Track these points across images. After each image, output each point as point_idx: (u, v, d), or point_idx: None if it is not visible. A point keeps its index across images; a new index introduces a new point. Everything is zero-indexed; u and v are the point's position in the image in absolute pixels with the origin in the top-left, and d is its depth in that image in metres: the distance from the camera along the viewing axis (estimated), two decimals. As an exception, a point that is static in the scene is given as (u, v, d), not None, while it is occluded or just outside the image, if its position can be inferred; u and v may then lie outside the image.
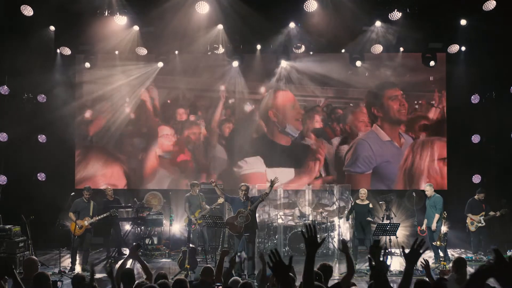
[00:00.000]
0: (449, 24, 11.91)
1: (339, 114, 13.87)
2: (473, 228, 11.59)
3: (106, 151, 14.20)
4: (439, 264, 10.35)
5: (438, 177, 13.49)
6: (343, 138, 13.81)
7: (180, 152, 14.10)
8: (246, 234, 9.62)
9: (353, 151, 13.72)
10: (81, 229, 10.60)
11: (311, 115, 13.88)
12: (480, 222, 11.51)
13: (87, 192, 10.94)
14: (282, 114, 13.93)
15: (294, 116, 13.91)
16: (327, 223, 11.93)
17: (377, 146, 13.65)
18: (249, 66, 13.46)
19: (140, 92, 14.07)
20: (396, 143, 13.65)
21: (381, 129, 13.73)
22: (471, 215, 11.61)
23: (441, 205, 10.94)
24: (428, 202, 11.17)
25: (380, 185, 13.53)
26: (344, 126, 13.82)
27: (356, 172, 13.66)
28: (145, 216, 12.53)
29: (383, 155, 13.65)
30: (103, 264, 11.11)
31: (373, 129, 13.73)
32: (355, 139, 13.75)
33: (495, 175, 12.75)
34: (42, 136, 13.17)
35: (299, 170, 13.72)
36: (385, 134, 13.68)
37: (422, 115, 13.73)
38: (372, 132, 13.75)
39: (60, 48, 12.82)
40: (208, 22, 11.81)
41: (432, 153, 13.61)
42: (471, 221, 11.63)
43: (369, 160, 13.63)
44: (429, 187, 11.34)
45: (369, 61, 13.40)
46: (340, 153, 13.77)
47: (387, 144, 13.65)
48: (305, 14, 11.49)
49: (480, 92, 12.98)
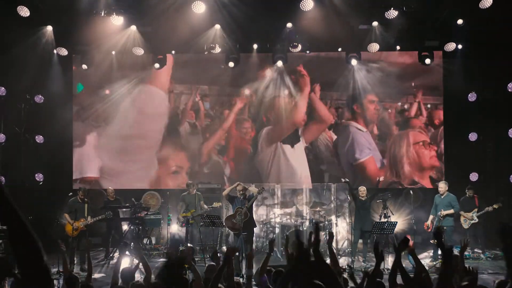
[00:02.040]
0: (445, 22, 11.93)
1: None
2: (466, 225, 11.60)
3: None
4: (437, 262, 10.37)
5: (435, 174, 13.57)
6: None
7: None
8: (244, 233, 9.70)
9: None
10: (76, 231, 10.58)
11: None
12: (473, 219, 11.52)
13: (82, 193, 10.95)
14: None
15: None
16: (325, 222, 11.95)
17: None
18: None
19: (137, 91, 14.13)
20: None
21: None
22: (463, 213, 11.63)
23: (458, 204, 10.97)
24: (441, 200, 11.04)
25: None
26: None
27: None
28: (143, 216, 12.54)
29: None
30: (102, 263, 11.14)
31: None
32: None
33: (492, 173, 12.79)
34: (39, 136, 13.16)
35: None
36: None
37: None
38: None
39: (57, 48, 12.83)
40: (204, 22, 11.82)
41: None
42: (464, 218, 11.66)
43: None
44: (443, 184, 11.23)
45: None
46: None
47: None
48: (301, 13, 11.51)
49: (477, 90, 13.01)
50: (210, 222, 10.33)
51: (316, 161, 13.89)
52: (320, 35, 12.15)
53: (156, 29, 12.24)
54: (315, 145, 13.91)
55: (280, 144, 13.91)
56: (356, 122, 13.87)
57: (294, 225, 12.00)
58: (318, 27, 11.76)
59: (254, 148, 14.01)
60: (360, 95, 13.76)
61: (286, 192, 13.13)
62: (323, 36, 12.17)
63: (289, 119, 13.94)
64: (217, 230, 11.44)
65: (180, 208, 11.87)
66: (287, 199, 13.07)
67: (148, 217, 12.69)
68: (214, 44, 12.42)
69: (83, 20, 11.66)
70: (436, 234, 3.28)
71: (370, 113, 13.85)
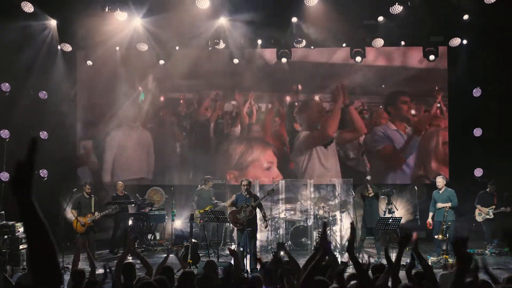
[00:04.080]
0: (450, 17, 11.87)
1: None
2: (480, 218, 11.64)
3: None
4: (441, 257, 10.34)
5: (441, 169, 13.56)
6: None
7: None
8: (248, 229, 9.63)
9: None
10: (83, 227, 10.38)
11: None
12: (489, 214, 11.54)
13: (89, 187, 10.73)
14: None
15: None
16: (329, 218, 11.93)
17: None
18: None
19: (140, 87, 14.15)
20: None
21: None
22: (479, 206, 11.64)
23: (456, 198, 10.92)
24: (439, 195, 10.95)
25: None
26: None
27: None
28: (148, 212, 12.58)
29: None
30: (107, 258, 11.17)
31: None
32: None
33: (497, 169, 12.73)
34: (44, 132, 13.17)
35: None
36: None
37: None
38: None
39: (61, 44, 12.83)
40: (209, 17, 11.80)
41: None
42: (479, 212, 11.65)
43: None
44: (441, 178, 11.14)
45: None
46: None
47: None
48: (306, 8, 11.47)
49: (482, 85, 12.95)
50: (214, 217, 10.32)
51: (345, 157, 14.14)
52: (325, 30, 12.11)
53: (160, 25, 12.20)
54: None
55: (315, 149, 14.15)
56: (390, 122, 14.03)
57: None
58: (323, 22, 11.72)
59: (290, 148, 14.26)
60: (391, 96, 13.96)
61: (290, 187, 13.11)
62: (327, 31, 12.13)
63: (325, 127, 14.13)
64: (221, 226, 11.44)
65: (195, 203, 11.86)
66: (291, 194, 13.05)
67: (152, 213, 12.71)
68: (218, 40, 12.41)
69: (87, 16, 11.64)
70: (456, 244, 3.02)
71: (402, 113, 13.98)
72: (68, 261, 10.43)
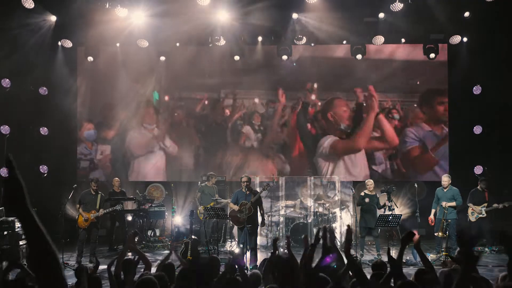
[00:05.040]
0: (451, 15, 11.84)
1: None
2: (473, 218, 11.57)
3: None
4: (441, 255, 10.35)
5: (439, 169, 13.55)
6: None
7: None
8: (248, 225, 9.66)
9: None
10: (86, 222, 10.44)
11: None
12: (481, 213, 11.49)
13: (95, 184, 10.74)
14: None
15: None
16: (329, 215, 11.95)
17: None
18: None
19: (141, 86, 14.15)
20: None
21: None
22: (472, 205, 11.61)
23: (460, 197, 10.92)
24: (444, 193, 10.95)
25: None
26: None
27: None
28: (147, 208, 12.59)
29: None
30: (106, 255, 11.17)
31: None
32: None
33: (497, 166, 12.73)
34: (44, 128, 13.19)
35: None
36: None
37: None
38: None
39: (62, 40, 12.83)
40: (209, 14, 11.78)
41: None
42: (471, 211, 11.63)
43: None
44: (447, 177, 11.12)
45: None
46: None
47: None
48: (306, 5, 11.45)
49: (482, 83, 12.93)
50: (214, 214, 10.32)
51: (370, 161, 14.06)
52: (325, 27, 12.09)
53: (160, 21, 12.18)
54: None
55: (343, 157, 14.08)
56: (425, 123, 13.98)
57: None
58: (323, 19, 11.70)
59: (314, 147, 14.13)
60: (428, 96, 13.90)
61: (290, 184, 13.11)
62: (328, 28, 12.11)
63: (355, 139, 14.03)
64: (221, 222, 11.46)
65: (198, 199, 11.87)
66: (291, 191, 13.05)
67: (152, 209, 12.72)
68: (218, 36, 12.40)
69: (87, 12, 11.62)
70: (463, 242, 2.85)
71: (439, 114, 13.90)
72: (67, 257, 10.46)
